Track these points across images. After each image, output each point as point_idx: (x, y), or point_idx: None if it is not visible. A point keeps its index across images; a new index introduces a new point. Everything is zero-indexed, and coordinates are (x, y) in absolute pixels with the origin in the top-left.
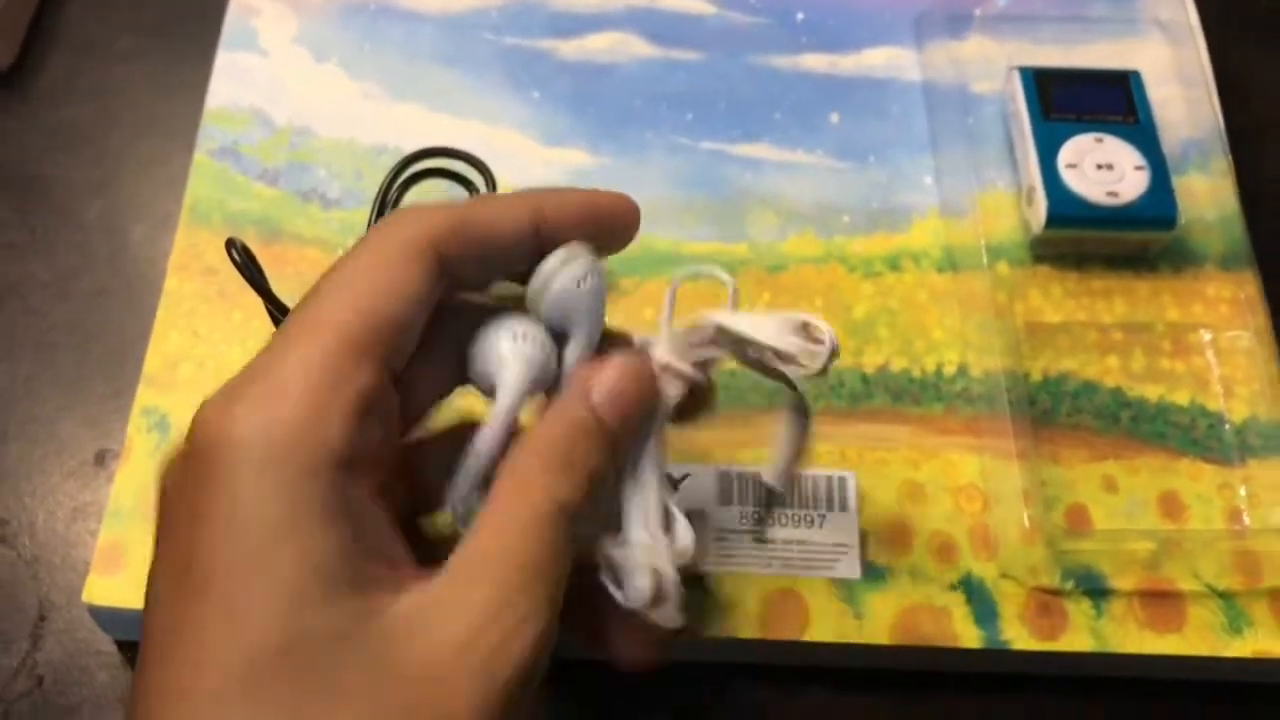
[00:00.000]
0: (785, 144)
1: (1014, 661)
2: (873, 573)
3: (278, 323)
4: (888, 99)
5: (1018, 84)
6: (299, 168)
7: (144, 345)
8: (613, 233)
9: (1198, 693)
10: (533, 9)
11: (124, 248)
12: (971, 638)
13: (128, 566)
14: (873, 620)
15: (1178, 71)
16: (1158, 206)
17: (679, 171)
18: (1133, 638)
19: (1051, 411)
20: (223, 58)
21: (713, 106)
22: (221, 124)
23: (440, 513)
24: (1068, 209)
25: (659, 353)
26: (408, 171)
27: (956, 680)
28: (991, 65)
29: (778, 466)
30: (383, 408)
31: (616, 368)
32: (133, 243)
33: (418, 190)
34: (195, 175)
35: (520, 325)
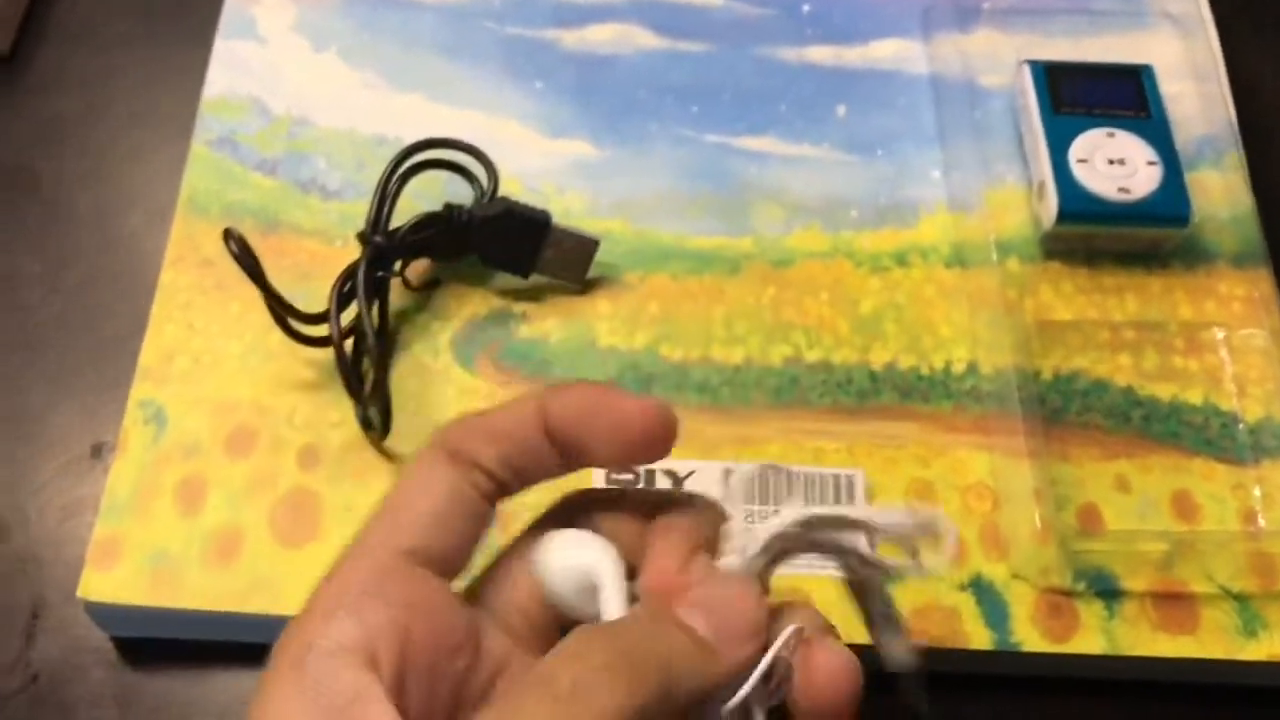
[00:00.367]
0: (791, 137)
1: (1025, 663)
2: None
3: (275, 314)
4: (895, 92)
5: (1027, 77)
6: (298, 158)
7: (138, 338)
8: (630, 443)
9: (1211, 696)
10: None
11: (117, 239)
12: (982, 639)
13: (123, 561)
14: None
15: (1189, 66)
16: (1171, 203)
17: (683, 164)
18: (1145, 640)
19: (1062, 410)
20: (220, 46)
21: (718, 98)
22: (219, 113)
23: None
24: (1079, 205)
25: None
26: (408, 162)
27: (965, 681)
28: (1000, 58)
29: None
30: (395, 584)
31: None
32: (126, 234)
33: (418, 181)
34: (192, 165)
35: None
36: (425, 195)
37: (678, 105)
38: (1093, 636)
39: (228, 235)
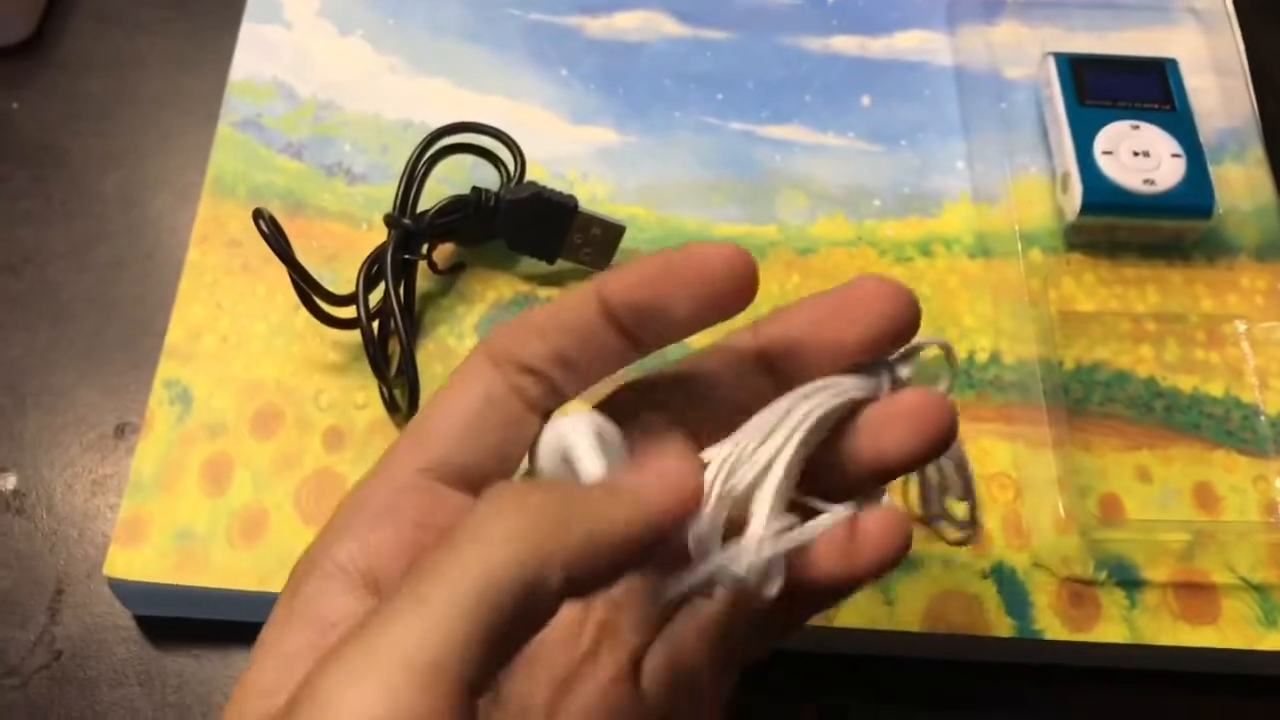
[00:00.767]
0: (816, 126)
1: (1046, 652)
2: (904, 560)
3: (302, 294)
4: (920, 82)
5: (1052, 69)
6: (323, 141)
7: (164, 317)
8: (711, 292)
9: (1232, 686)
10: None
11: (143, 219)
12: (1003, 627)
13: (148, 540)
14: (903, 607)
15: (1212, 60)
16: (1195, 195)
17: (708, 152)
18: (1167, 630)
19: (1084, 400)
20: (246, 29)
21: (742, 87)
22: (245, 96)
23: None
24: (1104, 196)
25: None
26: (436, 145)
27: (987, 669)
28: (1024, 50)
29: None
30: (409, 503)
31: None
32: (152, 214)
33: (445, 165)
34: (218, 147)
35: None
36: (450, 180)
37: (702, 93)
38: (1114, 626)
39: (258, 215)
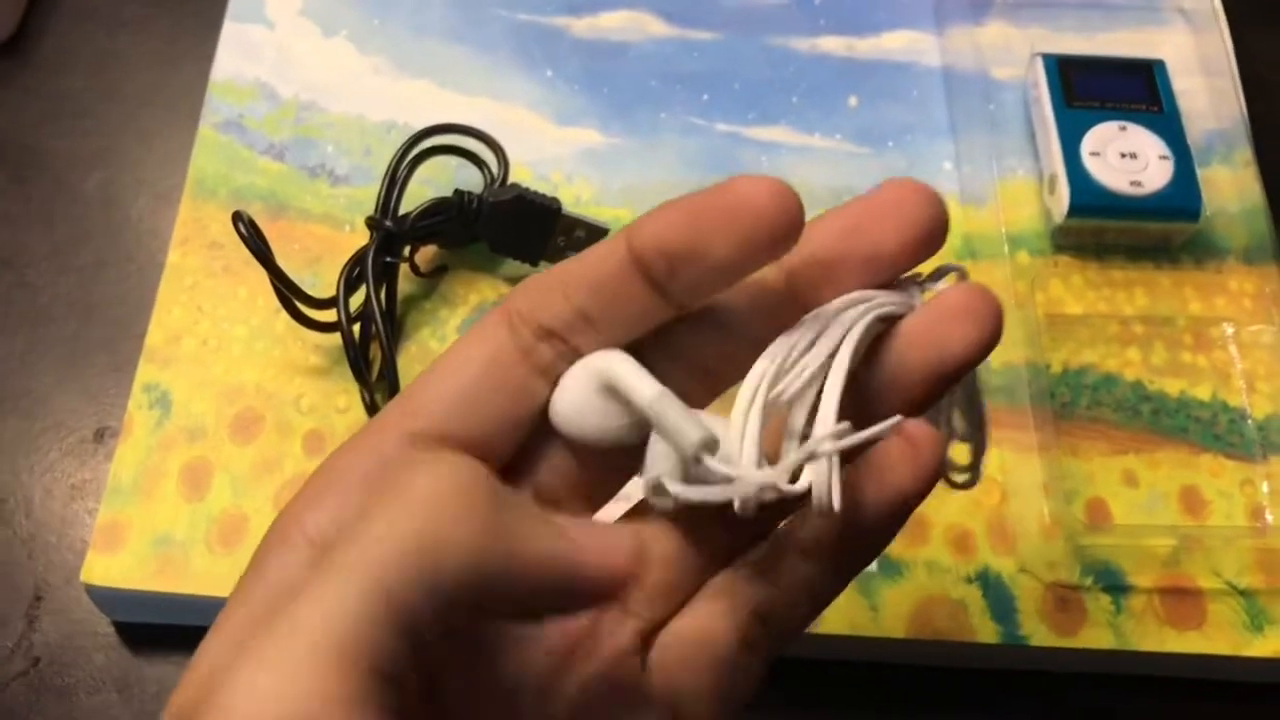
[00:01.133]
0: (802, 127)
1: (1031, 658)
2: (888, 565)
3: (283, 299)
4: (907, 83)
5: (1040, 70)
6: (306, 143)
7: (144, 320)
8: (757, 230)
9: (1218, 692)
10: None
11: (124, 221)
12: (989, 632)
13: (127, 546)
14: (888, 612)
15: (1201, 60)
16: (1182, 197)
17: (693, 153)
18: (1152, 635)
19: (1071, 404)
20: (229, 29)
21: (728, 88)
22: (227, 97)
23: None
24: (1091, 198)
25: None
26: (418, 147)
27: (971, 676)
28: (1013, 51)
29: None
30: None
31: None
32: (133, 216)
33: (428, 167)
34: (200, 148)
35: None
36: (433, 181)
37: (688, 94)
38: (1100, 631)
39: (237, 217)
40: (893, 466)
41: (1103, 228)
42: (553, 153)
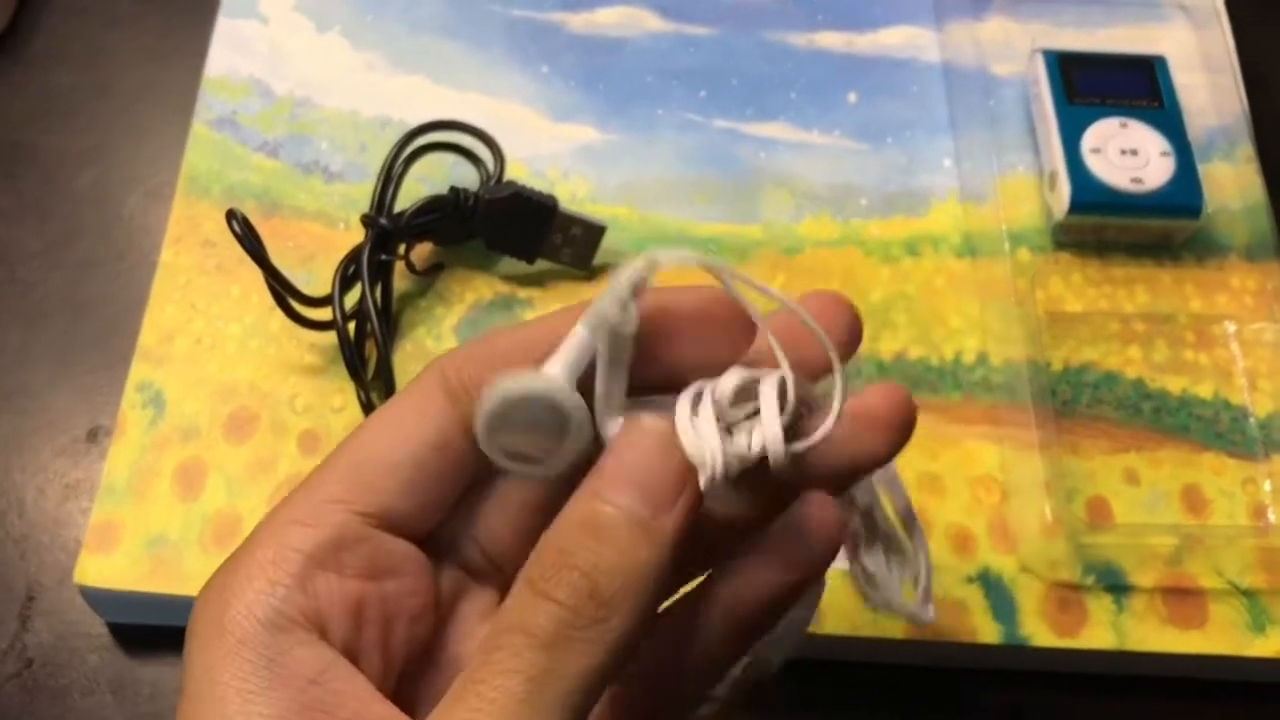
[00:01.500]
0: (801, 123)
1: (1033, 658)
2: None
3: (277, 297)
4: (907, 79)
5: (1041, 66)
6: (300, 139)
7: (137, 318)
8: (709, 330)
9: (1220, 692)
10: None
11: (116, 218)
12: (989, 633)
13: (120, 546)
14: None
15: (1202, 57)
16: (1184, 194)
17: (691, 150)
18: (1154, 635)
19: (1072, 402)
20: (222, 24)
21: (726, 84)
22: (220, 93)
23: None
24: (1091, 195)
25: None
26: (414, 144)
27: (972, 676)
28: (1013, 47)
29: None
30: (353, 555)
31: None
32: (126, 213)
33: (423, 164)
34: (193, 145)
35: None
36: (429, 179)
37: (685, 90)
38: (1101, 631)
39: (230, 215)
40: (797, 537)
41: (1103, 225)
42: (549, 149)
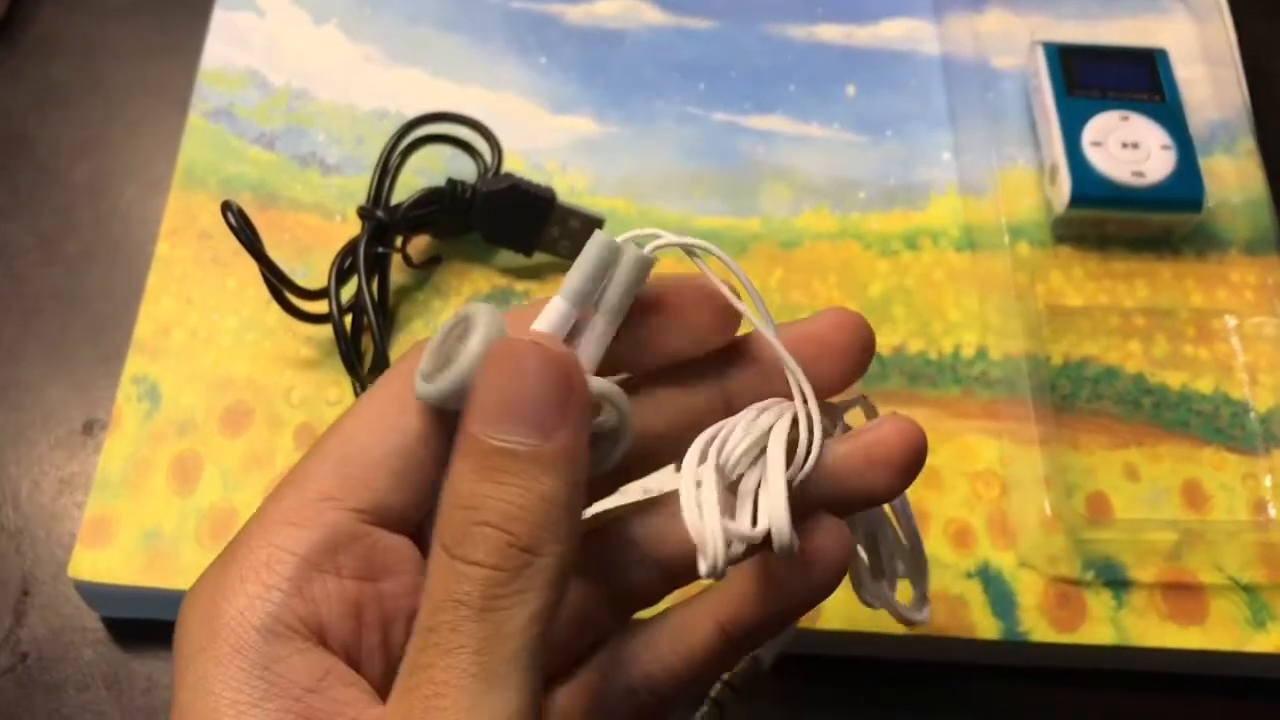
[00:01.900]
0: (800, 116)
1: (1032, 654)
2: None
3: (273, 290)
4: (906, 72)
5: (1041, 59)
6: (297, 131)
7: (133, 311)
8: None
9: (1220, 687)
10: None
11: (113, 210)
12: (989, 628)
13: (115, 541)
14: None
15: (1203, 50)
16: (1185, 188)
17: (689, 143)
18: (1154, 630)
19: (1072, 397)
20: (218, 16)
21: (725, 76)
22: (217, 85)
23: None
24: (1092, 188)
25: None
26: (411, 136)
27: (971, 671)
28: (1012, 39)
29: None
30: (349, 555)
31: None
32: (122, 206)
33: (420, 156)
34: (189, 137)
35: None
36: (426, 171)
37: (684, 82)
38: (1101, 627)
39: (226, 207)
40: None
41: (1104, 218)
42: (547, 142)
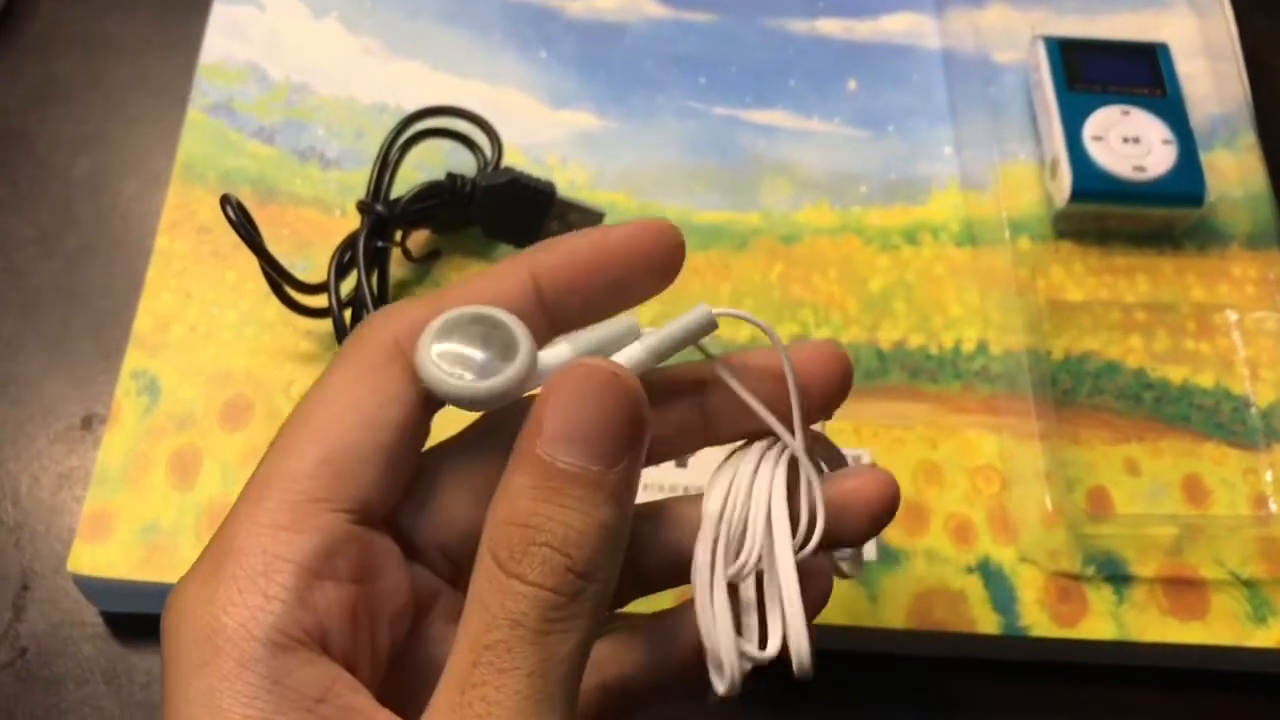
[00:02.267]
0: (801, 111)
1: (1033, 649)
2: (888, 554)
3: (273, 284)
4: (907, 67)
5: (1042, 53)
6: (296, 125)
7: (133, 306)
8: (636, 274)
9: (1220, 683)
10: None
11: (112, 205)
12: (989, 623)
13: (114, 535)
14: (887, 603)
15: (1205, 44)
16: (1186, 182)
17: (690, 137)
18: (1154, 626)
19: (1072, 391)
20: (218, 10)
21: (726, 70)
22: (216, 79)
23: None
24: (1093, 183)
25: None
26: (410, 130)
27: (972, 666)
28: (1013, 34)
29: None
30: (345, 559)
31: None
32: (121, 200)
33: (420, 151)
34: (188, 132)
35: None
36: (426, 165)
37: (685, 77)
38: (1101, 622)
39: (225, 201)
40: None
41: (1105, 213)
42: (547, 136)
